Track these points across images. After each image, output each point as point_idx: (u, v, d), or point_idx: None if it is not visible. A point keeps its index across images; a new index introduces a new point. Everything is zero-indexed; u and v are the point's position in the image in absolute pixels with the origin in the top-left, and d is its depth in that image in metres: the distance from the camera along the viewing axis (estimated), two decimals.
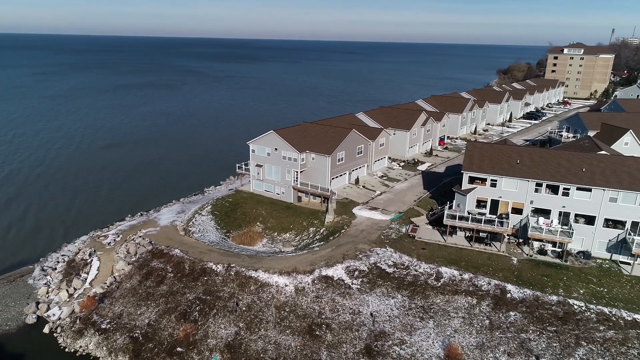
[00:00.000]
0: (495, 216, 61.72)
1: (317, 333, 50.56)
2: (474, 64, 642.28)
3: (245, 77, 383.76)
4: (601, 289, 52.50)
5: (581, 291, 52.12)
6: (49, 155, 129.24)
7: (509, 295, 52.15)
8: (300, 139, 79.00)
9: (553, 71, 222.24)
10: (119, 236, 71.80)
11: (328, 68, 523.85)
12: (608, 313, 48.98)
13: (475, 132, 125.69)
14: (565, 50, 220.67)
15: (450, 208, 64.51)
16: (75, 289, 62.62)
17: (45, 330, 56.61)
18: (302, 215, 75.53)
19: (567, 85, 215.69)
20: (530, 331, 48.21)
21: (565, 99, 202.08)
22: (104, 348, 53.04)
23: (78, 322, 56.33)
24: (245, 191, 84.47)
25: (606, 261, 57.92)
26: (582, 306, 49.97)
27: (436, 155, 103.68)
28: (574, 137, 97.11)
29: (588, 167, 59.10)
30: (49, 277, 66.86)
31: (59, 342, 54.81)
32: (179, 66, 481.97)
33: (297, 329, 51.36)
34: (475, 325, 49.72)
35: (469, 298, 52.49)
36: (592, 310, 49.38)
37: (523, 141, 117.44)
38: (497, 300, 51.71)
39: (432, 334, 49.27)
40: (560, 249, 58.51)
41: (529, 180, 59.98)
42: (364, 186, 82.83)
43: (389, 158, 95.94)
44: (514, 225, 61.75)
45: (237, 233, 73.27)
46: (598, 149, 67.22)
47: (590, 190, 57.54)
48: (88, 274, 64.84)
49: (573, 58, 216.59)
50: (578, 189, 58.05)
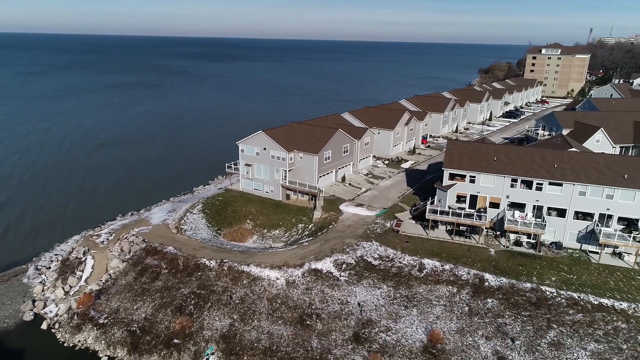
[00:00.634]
0: (474, 210, 65.28)
1: (308, 323, 53.42)
2: (456, 63, 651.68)
3: (232, 77, 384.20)
4: (571, 276, 56.43)
5: (553, 278, 55.96)
6: (38, 157, 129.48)
7: (486, 283, 55.72)
8: (288, 139, 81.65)
9: (532, 71, 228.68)
10: (111, 235, 73.58)
11: (314, 67, 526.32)
12: (577, 298, 52.87)
13: (456, 131, 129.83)
14: (544, 51, 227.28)
15: (432, 203, 67.92)
16: (71, 287, 64.34)
17: (43, 326, 58.34)
18: (291, 212, 78.24)
19: (545, 85, 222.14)
20: (506, 316, 51.81)
21: (543, 98, 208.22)
22: (103, 342, 55.09)
23: (76, 318, 58.19)
24: (234, 190, 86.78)
25: (576, 251, 61.96)
26: (554, 292, 53.78)
27: (419, 153, 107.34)
28: (549, 135, 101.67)
29: (559, 164, 63.06)
30: (43, 276, 68.45)
31: (58, 337, 56.64)
32: (164, 66, 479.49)
33: (289, 319, 54.14)
34: (455, 312, 53.13)
35: (450, 287, 55.91)
36: (563, 296, 53.22)
37: (502, 139, 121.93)
38: (476, 289, 55.23)
39: (416, 321, 52.54)
40: (534, 240, 62.39)
41: (505, 176, 63.71)
42: (350, 184, 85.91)
43: (374, 156, 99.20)
44: (491, 219, 65.44)
45: (228, 230, 75.59)
46: (569, 146, 71.42)
47: (561, 185, 61.48)
48: (83, 272, 66.62)
49: (551, 58, 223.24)
50: (550, 183, 61.94)
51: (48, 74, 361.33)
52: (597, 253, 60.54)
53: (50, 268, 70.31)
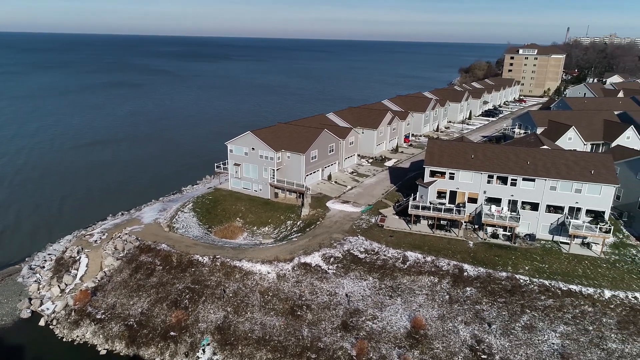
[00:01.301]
0: (453, 205, 69.11)
1: (299, 313, 56.40)
2: (437, 62, 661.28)
3: (214, 77, 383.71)
4: (543, 265, 60.65)
5: (526, 267, 60.08)
6: (24, 159, 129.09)
7: (465, 273, 59.51)
8: (275, 139, 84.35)
9: (510, 70, 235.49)
10: (104, 234, 75.24)
11: (296, 67, 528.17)
12: (548, 285, 57.03)
13: (437, 130, 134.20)
14: (521, 51, 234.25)
15: (414, 199, 71.53)
16: (67, 285, 66.02)
17: (41, 323, 60.02)
18: (280, 209, 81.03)
19: (523, 84, 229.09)
20: (484, 303, 55.66)
21: (520, 97, 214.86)
22: (101, 336, 57.15)
23: (73, 314, 60.07)
24: (224, 189, 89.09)
25: (548, 242, 66.30)
26: (527, 280, 57.87)
27: (402, 152, 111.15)
28: (524, 133, 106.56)
29: (532, 160, 67.28)
30: (38, 275, 69.87)
31: (56, 333, 58.44)
32: (146, 65, 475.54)
33: (281, 310, 57.04)
34: (437, 300, 56.77)
35: (432, 277, 59.54)
36: (535, 283, 57.33)
37: (481, 137, 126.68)
38: (456, 278, 58.97)
39: (400, 309, 55.99)
40: (510, 233, 66.52)
41: (482, 173, 67.68)
42: (336, 182, 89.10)
43: (358, 155, 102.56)
44: (470, 213, 69.36)
45: (219, 228, 78.00)
46: (541, 144, 75.89)
47: (534, 180, 65.71)
48: (78, 270, 68.27)
49: (528, 58, 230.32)
50: (524, 179, 66.13)
51: (25, 74, 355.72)
52: (568, 243, 64.93)
53: (44, 267, 71.70)
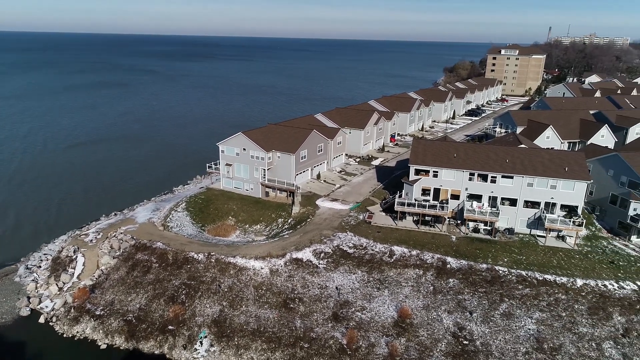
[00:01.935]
0: (437, 202, 72.63)
1: (292, 306, 59.30)
2: (423, 61, 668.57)
3: (201, 76, 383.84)
4: (521, 257, 64.46)
5: (505, 259, 63.82)
6: (17, 161, 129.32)
7: (448, 266, 63.01)
8: (266, 140, 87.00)
9: (492, 70, 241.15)
10: (99, 234, 77.14)
11: (283, 66, 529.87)
12: (525, 275, 60.81)
13: (422, 129, 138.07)
14: (503, 51, 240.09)
15: (400, 197, 74.87)
16: (64, 283, 67.91)
17: (41, 320, 61.92)
18: (271, 208, 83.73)
19: (505, 84, 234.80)
20: (465, 293, 59.20)
21: (503, 96, 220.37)
22: (101, 331, 59.33)
23: (73, 311, 62.10)
24: (215, 188, 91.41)
25: (526, 235, 70.21)
26: (506, 271, 61.58)
27: (388, 151, 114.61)
28: (505, 132, 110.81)
29: (510, 159, 71.11)
30: (35, 275, 71.54)
31: (56, 330, 60.43)
32: (132, 65, 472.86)
33: (274, 303, 59.87)
34: (422, 291, 60.14)
35: (417, 270, 62.91)
36: (513, 274, 61.06)
37: (464, 136, 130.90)
38: (439, 271, 62.43)
39: (387, 300, 59.24)
40: (490, 227, 70.27)
41: (464, 171, 71.29)
42: (324, 180, 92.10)
43: (346, 155, 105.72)
44: (452, 209, 72.94)
45: (212, 226, 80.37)
46: (519, 143, 79.92)
47: (512, 177, 69.52)
48: (75, 269, 70.17)
49: (509, 58, 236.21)
50: (503, 176, 69.90)
51: (10, 74, 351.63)
52: (544, 237, 68.91)
53: (40, 267, 73.42)
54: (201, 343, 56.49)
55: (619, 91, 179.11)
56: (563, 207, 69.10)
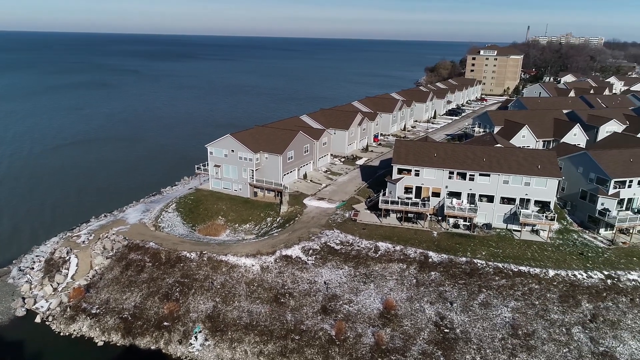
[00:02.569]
0: (419, 200, 76.24)
1: (282, 300, 62.12)
2: (404, 60, 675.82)
3: (184, 76, 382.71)
4: (498, 250, 68.48)
5: (483, 253, 67.73)
6: (5, 163, 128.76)
7: (430, 259, 66.62)
8: (254, 141, 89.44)
9: (472, 70, 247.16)
10: (91, 235, 78.69)
11: (266, 66, 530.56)
12: (502, 267, 64.79)
13: (404, 129, 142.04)
14: (482, 52, 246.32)
15: (384, 195, 78.25)
16: (59, 284, 69.44)
17: (37, 320, 63.46)
18: (259, 207, 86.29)
19: (484, 83, 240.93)
20: (446, 285, 62.87)
21: (482, 96, 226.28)
22: (97, 329, 61.24)
23: (69, 310, 63.82)
24: (204, 189, 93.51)
25: (503, 230, 74.29)
26: (484, 263, 65.47)
27: (371, 150, 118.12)
28: (484, 132, 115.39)
29: (487, 158, 75.09)
30: (28, 276, 72.89)
31: (53, 329, 62.06)
32: (113, 65, 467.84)
33: (265, 298, 62.61)
34: (405, 284, 63.59)
35: (401, 264, 66.36)
36: (491, 266, 65.00)
37: (445, 135, 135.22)
38: (422, 264, 65.98)
39: (373, 293, 62.53)
40: (469, 223, 74.16)
41: (444, 170, 75.02)
42: (311, 180, 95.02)
43: (331, 155, 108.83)
44: (434, 206, 76.61)
45: (203, 226, 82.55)
46: (496, 142, 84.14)
47: (489, 175, 73.51)
48: (68, 269, 71.73)
49: (488, 59, 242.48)
50: (480, 175, 73.83)
51: None
52: (519, 231, 73.10)
53: (33, 268, 74.72)
54: (196, 338, 58.91)
55: (592, 91, 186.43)
56: (537, 203, 73.33)
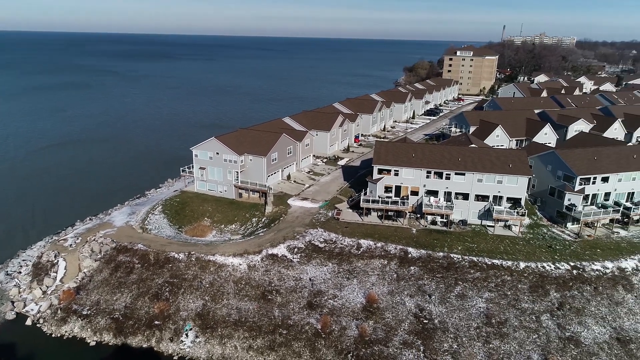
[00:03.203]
0: (399, 198, 79.75)
1: (269, 297, 64.73)
2: (384, 60, 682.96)
3: (163, 77, 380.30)
4: (473, 245, 72.44)
5: (459, 248, 71.58)
6: None
7: (410, 255, 70.13)
8: (238, 144, 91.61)
9: (449, 71, 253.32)
10: (78, 238, 79.76)
11: (245, 66, 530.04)
12: (476, 261, 68.71)
13: (384, 129, 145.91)
14: (458, 53, 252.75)
15: (365, 194, 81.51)
16: (48, 287, 70.54)
17: (28, 322, 64.51)
18: (245, 208, 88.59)
19: (461, 84, 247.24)
20: (425, 278, 66.44)
21: (459, 96, 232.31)
22: (89, 330, 62.77)
23: (60, 312, 65.12)
24: (190, 191, 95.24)
25: (478, 226, 78.36)
26: (460, 258, 69.28)
27: (352, 151, 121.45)
28: (460, 132, 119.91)
29: (462, 158, 79.04)
30: (16, 280, 73.65)
31: (44, 330, 63.22)
32: (90, 66, 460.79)
33: (253, 296, 65.12)
34: (387, 278, 66.93)
35: (382, 260, 69.68)
36: (466, 260, 68.85)
37: (423, 135, 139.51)
38: (402, 260, 69.43)
39: (356, 288, 65.66)
40: (446, 220, 78.03)
41: (421, 169, 78.67)
42: (294, 181, 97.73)
43: (314, 156, 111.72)
44: (412, 204, 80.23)
45: (189, 227, 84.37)
46: (470, 142, 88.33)
47: (464, 174, 77.45)
48: (57, 272, 72.79)
49: (465, 59, 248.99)
50: (456, 174, 77.70)
51: None
52: (493, 226, 77.27)
53: (21, 272, 75.46)
54: (187, 335, 61.05)
55: (563, 90, 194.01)
56: (509, 200, 77.58)
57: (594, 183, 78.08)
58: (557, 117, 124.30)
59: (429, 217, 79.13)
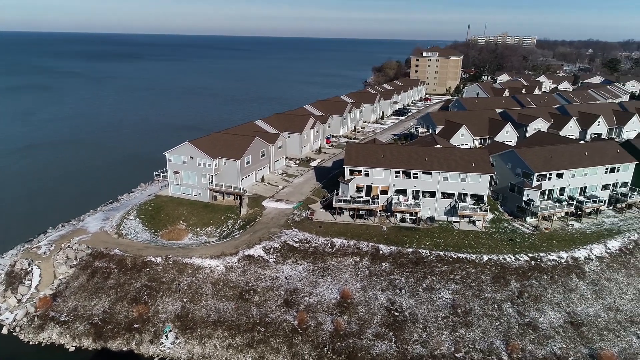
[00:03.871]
0: (369, 198, 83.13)
1: (247, 297, 66.85)
2: (353, 59, 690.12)
3: (130, 78, 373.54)
4: (440, 240, 76.55)
5: (427, 243, 75.53)
6: None
7: (381, 252, 73.56)
8: (212, 148, 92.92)
9: (416, 71, 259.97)
10: (52, 246, 79.57)
11: (213, 67, 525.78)
12: (443, 255, 72.77)
13: (354, 130, 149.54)
14: (425, 54, 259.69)
15: (338, 194, 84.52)
16: (23, 295, 70.39)
17: (4, 331, 64.49)
18: (220, 211, 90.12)
19: (428, 84, 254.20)
20: (395, 273, 69.99)
21: (426, 96, 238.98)
22: (67, 336, 63.33)
23: (37, 320, 65.31)
24: (164, 195, 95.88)
25: (444, 222, 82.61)
26: (428, 253, 73.19)
27: (324, 152, 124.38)
28: (427, 132, 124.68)
29: (429, 157, 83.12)
30: None
31: (21, 339, 63.43)
32: (51, 67, 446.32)
33: (231, 296, 67.07)
34: (359, 275, 70.12)
35: (355, 257, 72.83)
36: (434, 255, 72.81)
37: (392, 135, 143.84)
38: (373, 256, 72.79)
39: (331, 285, 68.57)
40: (415, 217, 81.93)
41: (390, 170, 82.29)
42: (268, 183, 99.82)
43: (287, 157, 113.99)
44: (383, 203, 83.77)
45: (165, 231, 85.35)
46: (436, 143, 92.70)
47: (430, 173, 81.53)
48: (32, 280, 72.64)
49: (431, 60, 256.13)
50: (423, 173, 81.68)
51: None
52: (458, 222, 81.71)
53: None
54: (167, 337, 62.50)
55: (524, 90, 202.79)
56: (472, 197, 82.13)
57: (549, 179, 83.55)
58: (518, 117, 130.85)
59: (399, 215, 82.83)
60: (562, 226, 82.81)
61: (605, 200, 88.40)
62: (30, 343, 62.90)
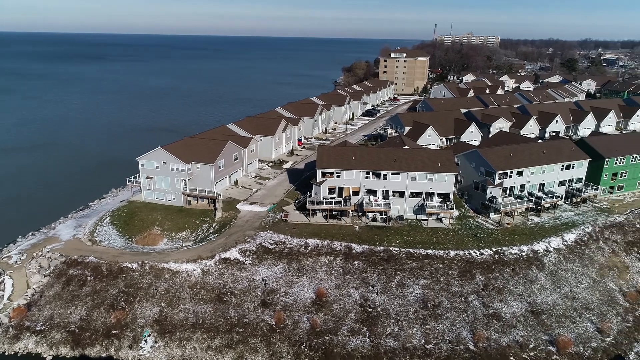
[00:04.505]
0: (341, 199, 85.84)
1: (225, 299, 68.39)
2: (322, 59, 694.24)
3: (96, 80, 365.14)
4: (410, 238, 79.99)
5: (397, 241, 78.83)
6: None
7: (353, 251, 76.32)
8: (185, 152, 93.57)
9: (385, 72, 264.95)
10: (23, 255, 78.71)
11: (182, 67, 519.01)
12: (413, 252, 76.20)
13: (325, 132, 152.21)
14: (392, 55, 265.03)
15: (310, 196, 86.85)
16: None
17: None
18: (194, 215, 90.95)
19: (396, 84, 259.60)
20: (368, 271, 72.91)
21: (395, 96, 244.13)
22: (44, 345, 63.35)
23: (11, 330, 64.97)
24: (137, 201, 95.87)
25: (414, 220, 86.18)
26: (398, 250, 76.45)
27: (296, 154, 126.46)
28: (396, 133, 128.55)
29: (397, 159, 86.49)
30: None
31: None
32: (10, 69, 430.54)
33: (209, 299, 68.45)
34: (334, 274, 72.69)
35: (328, 257, 75.32)
36: (404, 252, 76.14)
37: (362, 136, 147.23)
38: (346, 256, 75.48)
39: (306, 284, 70.88)
40: (385, 216, 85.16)
41: (361, 171, 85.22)
42: (242, 186, 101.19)
43: (260, 160, 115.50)
44: (354, 204, 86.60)
45: (140, 237, 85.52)
46: (404, 144, 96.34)
47: (399, 174, 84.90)
48: (4, 291, 71.88)
49: (398, 61, 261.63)
50: (392, 173, 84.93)
51: None
52: (426, 220, 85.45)
53: None
54: (146, 341, 63.40)
55: (488, 90, 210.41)
56: (439, 195, 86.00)
57: (510, 177, 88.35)
58: (482, 117, 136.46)
59: (370, 215, 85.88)
60: (523, 221, 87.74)
61: (562, 196, 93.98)
62: (6, 354, 62.59)
